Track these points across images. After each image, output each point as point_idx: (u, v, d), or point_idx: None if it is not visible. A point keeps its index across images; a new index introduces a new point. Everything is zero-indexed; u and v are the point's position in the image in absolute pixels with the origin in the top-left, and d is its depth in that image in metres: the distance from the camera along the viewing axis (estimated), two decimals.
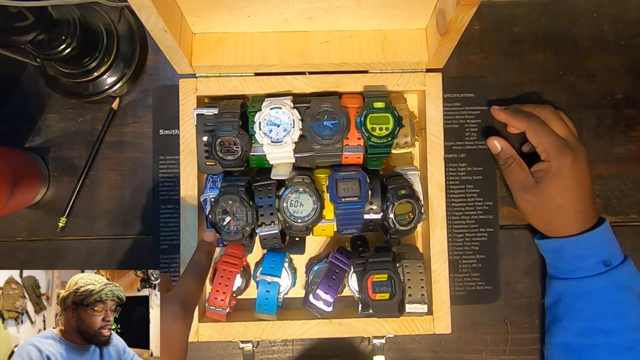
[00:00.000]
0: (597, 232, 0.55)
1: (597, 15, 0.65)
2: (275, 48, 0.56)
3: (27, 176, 0.59)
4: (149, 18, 0.45)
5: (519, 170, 0.58)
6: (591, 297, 0.55)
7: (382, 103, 0.52)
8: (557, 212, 0.56)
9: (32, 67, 0.62)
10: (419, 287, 0.54)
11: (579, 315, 0.55)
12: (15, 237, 0.62)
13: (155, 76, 0.63)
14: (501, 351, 0.62)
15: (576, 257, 0.55)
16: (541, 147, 0.56)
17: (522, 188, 0.58)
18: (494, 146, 0.61)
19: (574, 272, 0.56)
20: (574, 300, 0.56)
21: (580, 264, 0.55)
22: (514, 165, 0.59)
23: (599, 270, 0.54)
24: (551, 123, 0.57)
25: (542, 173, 0.56)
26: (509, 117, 0.59)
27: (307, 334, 0.55)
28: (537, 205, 0.57)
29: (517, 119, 0.58)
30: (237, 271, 0.55)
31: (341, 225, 0.54)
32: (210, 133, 0.53)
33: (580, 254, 0.55)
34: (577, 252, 0.55)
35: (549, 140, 0.56)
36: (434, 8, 0.52)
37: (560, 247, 0.57)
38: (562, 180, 0.55)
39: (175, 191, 0.62)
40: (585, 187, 0.56)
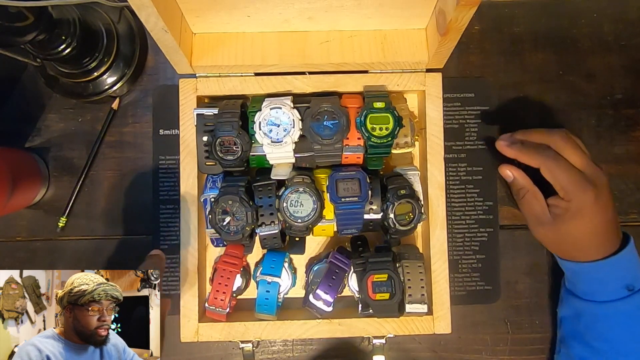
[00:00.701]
0: (621, 257, 0.51)
1: (597, 15, 0.65)
2: (275, 48, 0.56)
3: (27, 176, 0.59)
4: (149, 18, 0.45)
5: (534, 202, 0.54)
6: (613, 321, 0.52)
7: (382, 103, 0.52)
8: (576, 246, 0.53)
9: (32, 67, 0.62)
10: (419, 287, 0.54)
11: (600, 335, 0.53)
12: (15, 237, 0.62)
13: (155, 76, 0.63)
14: (501, 351, 0.62)
15: (597, 282, 0.53)
16: (559, 186, 0.51)
17: (538, 222, 0.54)
18: (506, 175, 0.56)
19: (594, 295, 0.53)
20: (595, 320, 0.53)
21: (602, 288, 0.52)
22: (528, 196, 0.54)
23: (622, 295, 0.51)
24: (565, 153, 0.52)
25: (560, 210, 0.52)
26: (517, 153, 0.54)
27: (307, 334, 0.55)
28: (555, 240, 0.54)
29: (527, 154, 0.53)
30: (237, 271, 0.55)
31: (341, 225, 0.54)
32: (210, 133, 0.53)
33: (601, 279, 0.52)
34: (598, 276, 0.52)
35: (566, 177, 0.51)
36: (434, 8, 0.52)
37: (579, 270, 0.53)
38: (582, 219, 0.51)
39: (175, 191, 0.62)
40: (608, 220, 0.52)
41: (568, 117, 0.64)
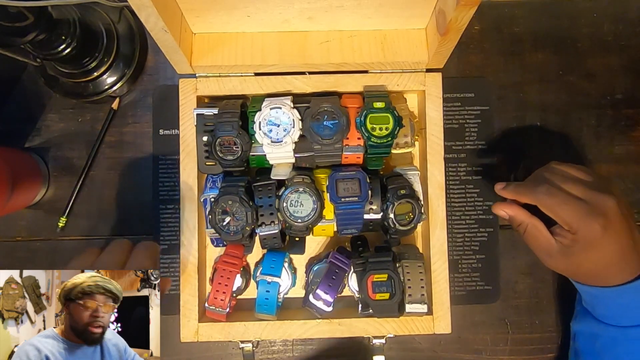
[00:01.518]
0: None
1: (597, 15, 0.65)
2: (275, 48, 0.56)
3: (27, 176, 0.59)
4: (149, 18, 0.45)
5: (537, 234, 0.50)
6: (634, 346, 0.48)
7: (382, 103, 0.52)
8: (593, 275, 0.49)
9: (32, 67, 0.62)
10: (419, 287, 0.54)
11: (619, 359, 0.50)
12: (15, 237, 0.62)
13: (155, 76, 0.63)
14: (501, 351, 0.62)
15: (618, 306, 0.49)
16: (561, 221, 0.48)
17: (546, 254, 0.50)
18: (501, 215, 0.53)
19: (614, 319, 0.49)
20: (614, 344, 0.50)
21: (624, 313, 0.48)
22: (529, 229, 0.50)
23: None
24: (563, 185, 0.48)
25: (568, 242, 0.48)
26: (514, 194, 0.51)
27: (307, 334, 0.55)
28: (568, 270, 0.50)
29: (522, 194, 0.50)
30: (237, 271, 0.55)
31: (341, 225, 0.54)
32: (210, 133, 0.53)
33: (624, 304, 0.48)
34: (620, 302, 0.48)
35: (566, 211, 0.47)
36: (434, 8, 0.52)
37: (599, 295, 0.49)
38: (594, 251, 0.46)
39: (175, 191, 0.62)
40: (625, 246, 0.47)
41: (568, 117, 0.64)
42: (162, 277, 0.44)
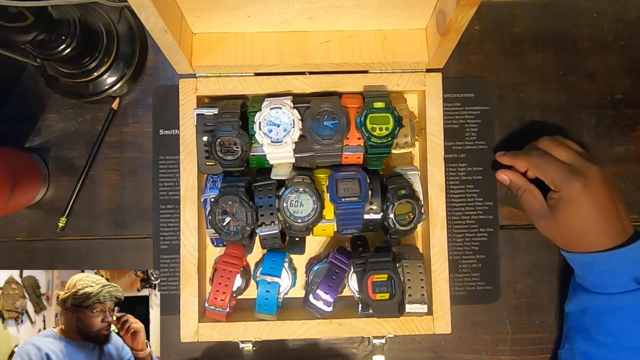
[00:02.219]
0: (631, 249, 0.52)
1: (597, 15, 0.65)
2: (275, 48, 0.56)
3: (27, 176, 0.59)
4: (149, 18, 0.45)
5: (532, 199, 0.57)
6: (620, 314, 0.52)
7: (382, 103, 0.53)
8: (578, 236, 0.54)
9: (32, 67, 0.62)
10: (419, 287, 0.54)
11: (606, 328, 0.53)
12: (15, 237, 0.62)
13: (155, 76, 0.63)
14: (501, 351, 0.62)
15: (606, 273, 0.53)
16: (548, 180, 0.55)
17: (538, 216, 0.57)
18: (502, 179, 0.60)
19: (603, 287, 0.53)
20: (602, 313, 0.54)
21: (611, 280, 0.53)
22: (526, 194, 0.57)
23: (631, 288, 0.52)
24: (552, 151, 0.56)
25: (554, 202, 0.54)
26: (511, 159, 0.59)
27: (307, 334, 0.55)
28: (556, 232, 0.56)
29: (517, 159, 0.58)
30: (237, 271, 0.55)
31: (341, 225, 0.54)
32: (210, 133, 0.53)
33: (610, 270, 0.53)
34: (607, 268, 0.53)
35: (552, 170, 0.54)
36: (434, 8, 0.52)
37: (589, 262, 0.54)
38: (575, 207, 0.53)
39: (175, 191, 0.62)
40: (605, 207, 0.53)
41: (568, 117, 0.64)
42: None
